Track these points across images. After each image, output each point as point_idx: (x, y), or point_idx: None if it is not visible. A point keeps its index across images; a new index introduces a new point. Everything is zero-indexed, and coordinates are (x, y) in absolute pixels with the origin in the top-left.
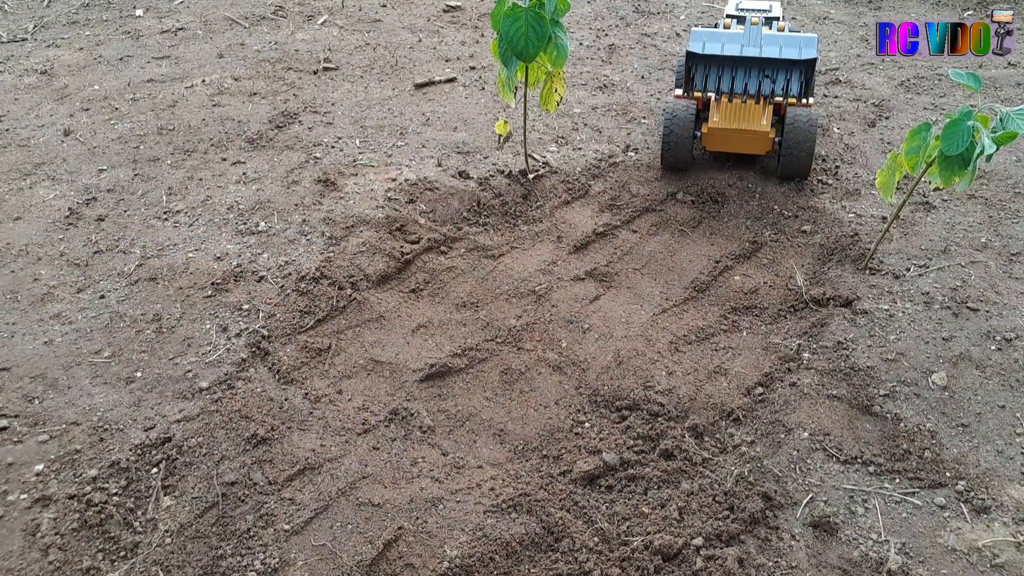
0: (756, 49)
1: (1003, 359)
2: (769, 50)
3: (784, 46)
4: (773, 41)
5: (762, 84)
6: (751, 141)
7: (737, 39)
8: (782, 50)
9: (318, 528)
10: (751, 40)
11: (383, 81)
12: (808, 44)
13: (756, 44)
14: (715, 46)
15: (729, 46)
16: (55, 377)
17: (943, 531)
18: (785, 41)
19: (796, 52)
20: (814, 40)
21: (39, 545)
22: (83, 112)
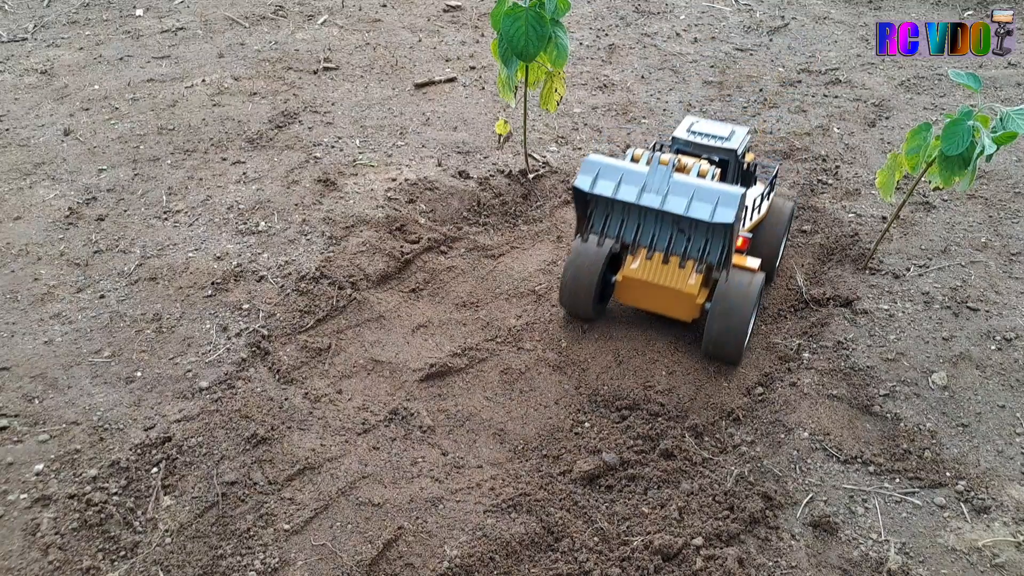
0: (657, 198)
1: (1003, 359)
2: (674, 202)
3: (695, 200)
4: (682, 190)
5: (674, 240)
6: (673, 302)
7: (638, 180)
8: (690, 206)
9: (318, 528)
10: (655, 184)
11: (383, 81)
12: (728, 202)
13: (659, 191)
14: (607, 185)
15: (625, 188)
16: (55, 377)
17: (943, 531)
18: (699, 193)
19: (707, 212)
20: (736, 198)
21: (39, 545)
22: (83, 112)
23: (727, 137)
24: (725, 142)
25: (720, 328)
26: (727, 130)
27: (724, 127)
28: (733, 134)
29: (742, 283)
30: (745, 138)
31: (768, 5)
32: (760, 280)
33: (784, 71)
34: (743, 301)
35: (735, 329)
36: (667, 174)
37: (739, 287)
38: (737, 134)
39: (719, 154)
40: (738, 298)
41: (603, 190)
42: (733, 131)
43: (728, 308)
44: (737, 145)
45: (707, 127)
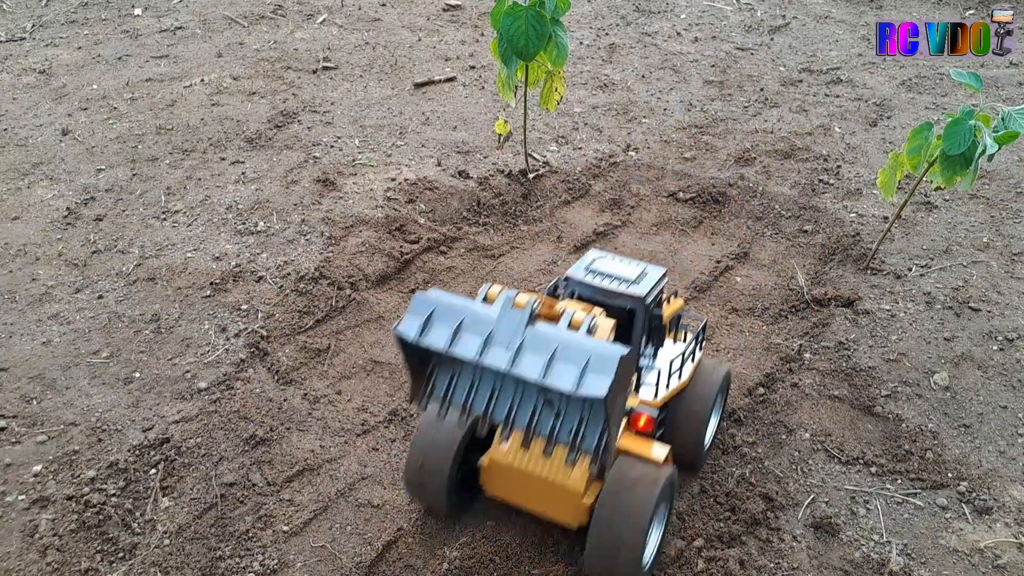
0: (506, 355)
1: (1005, 359)
2: (527, 363)
3: (557, 362)
4: (540, 346)
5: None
6: (552, 500)
7: (483, 328)
8: (548, 370)
9: (317, 529)
10: (506, 336)
11: (383, 80)
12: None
13: (510, 346)
14: (441, 333)
15: (466, 339)
16: (53, 377)
17: (945, 532)
18: (563, 352)
19: (570, 380)
20: (614, 361)
21: (37, 546)
22: (81, 112)
23: (634, 281)
24: (631, 287)
25: (605, 541)
26: (636, 271)
27: (633, 267)
28: (643, 277)
29: (639, 480)
30: (658, 283)
31: (769, 4)
32: (666, 476)
33: (785, 70)
34: (639, 506)
35: (626, 544)
36: (522, 323)
37: (635, 486)
38: (648, 277)
39: (623, 302)
40: (632, 501)
41: (435, 340)
42: (644, 272)
43: (617, 514)
44: (645, 292)
45: (611, 266)
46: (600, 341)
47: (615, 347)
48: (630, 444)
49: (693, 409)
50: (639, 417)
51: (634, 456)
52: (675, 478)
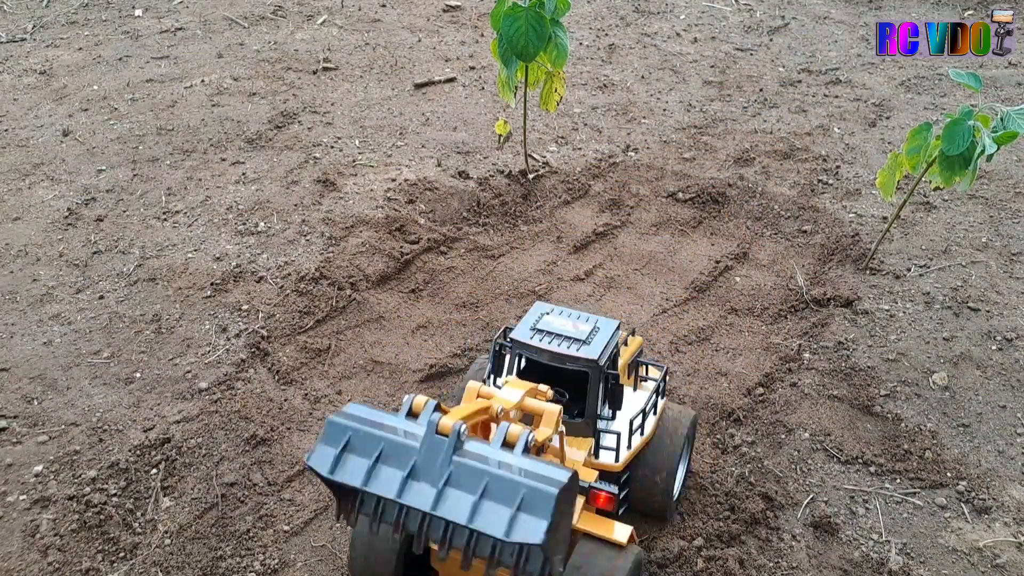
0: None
1: (1004, 359)
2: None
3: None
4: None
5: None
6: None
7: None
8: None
9: (318, 529)
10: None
11: (383, 81)
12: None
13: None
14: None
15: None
16: (54, 378)
17: (944, 531)
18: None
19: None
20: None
21: (38, 546)
22: (82, 112)
23: (585, 340)
24: (582, 348)
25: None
26: (586, 328)
27: (583, 324)
28: (595, 334)
29: (603, 567)
30: (611, 340)
31: (768, 5)
32: (630, 563)
33: (784, 71)
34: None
35: None
36: (447, 451)
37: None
38: (601, 333)
39: (572, 366)
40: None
41: (350, 477)
42: (596, 328)
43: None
44: (598, 354)
45: (559, 324)
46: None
47: (553, 477)
48: (590, 525)
49: (659, 463)
50: (598, 496)
51: (595, 538)
52: (641, 559)
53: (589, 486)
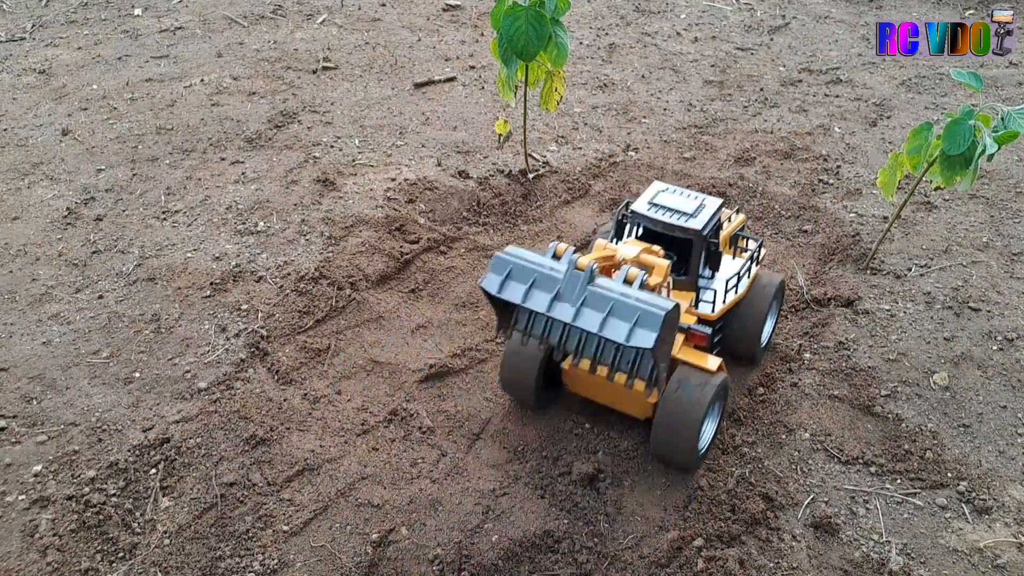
0: (570, 310)
1: (1005, 359)
2: (587, 318)
3: (612, 317)
4: (598, 303)
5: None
6: (624, 397)
7: (551, 285)
8: (604, 324)
9: (317, 529)
10: (570, 293)
11: (382, 80)
12: (649, 322)
13: (573, 301)
14: (516, 289)
15: (536, 294)
16: (53, 377)
17: (944, 532)
18: (618, 309)
19: (623, 332)
20: (659, 317)
21: (37, 546)
22: (81, 112)
23: (692, 214)
24: (688, 220)
25: (666, 433)
26: (694, 204)
27: (692, 200)
28: (700, 210)
29: (695, 385)
30: (714, 215)
31: (769, 4)
32: (717, 383)
33: (785, 70)
34: (693, 407)
35: (683, 436)
36: (583, 282)
37: (690, 390)
38: (706, 209)
39: (680, 234)
40: (688, 403)
41: (512, 295)
42: (702, 205)
43: (676, 412)
44: (701, 225)
45: (671, 200)
46: (650, 297)
47: (662, 303)
48: (688, 356)
49: (749, 317)
50: (695, 335)
51: (691, 366)
52: (727, 383)
53: (688, 327)
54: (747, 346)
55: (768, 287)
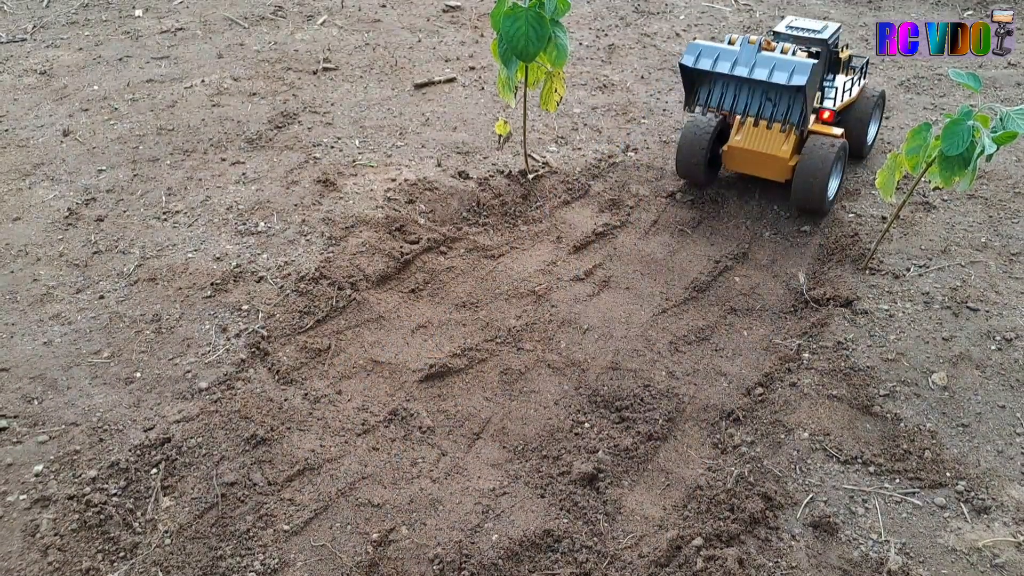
0: (746, 69)
1: (1003, 359)
2: (759, 72)
3: (775, 69)
4: (766, 62)
5: (763, 107)
6: (770, 166)
7: (731, 56)
8: (772, 73)
9: (318, 528)
10: (744, 59)
11: (383, 81)
12: (802, 69)
13: (748, 64)
14: (707, 62)
15: (721, 63)
16: (54, 377)
17: (943, 531)
18: (779, 64)
19: (784, 77)
20: (808, 66)
21: (38, 546)
22: (82, 112)
23: (819, 31)
24: (817, 34)
25: (803, 183)
26: (820, 25)
27: (818, 23)
28: (826, 28)
29: (824, 145)
30: (836, 31)
31: (768, 5)
32: (840, 144)
33: None
34: (823, 161)
35: (817, 183)
36: (754, 51)
37: (820, 149)
38: (830, 28)
39: (812, 44)
40: (819, 159)
41: (703, 65)
42: (826, 26)
43: (810, 166)
44: (828, 36)
45: (803, 23)
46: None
47: (810, 60)
48: (818, 128)
49: (858, 115)
50: (824, 112)
51: (820, 135)
52: (846, 146)
53: (819, 107)
54: (856, 141)
55: (871, 96)
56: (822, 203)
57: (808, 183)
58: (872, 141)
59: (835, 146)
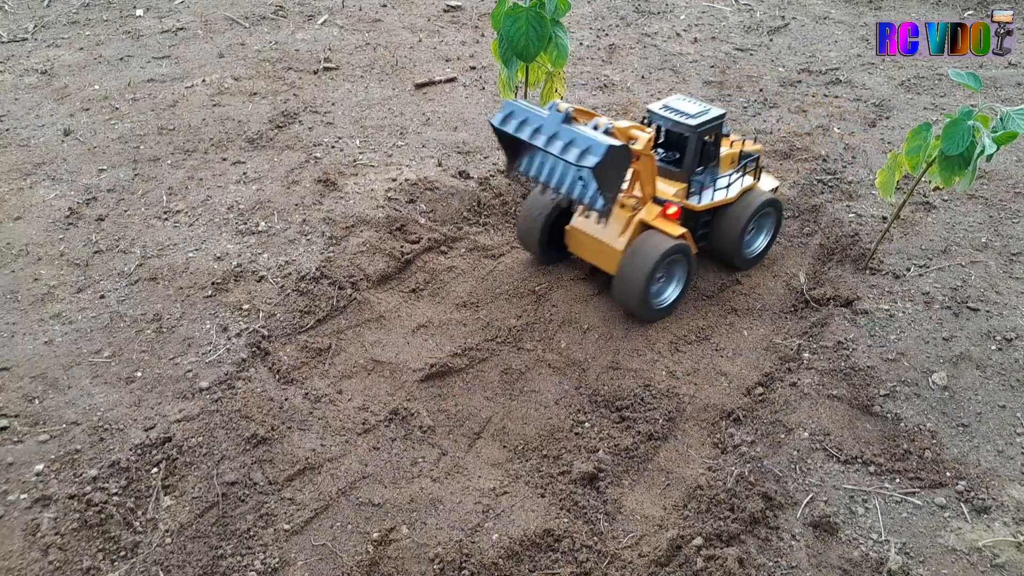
0: (543, 140)
1: (1003, 359)
2: (555, 145)
3: (571, 146)
4: (565, 136)
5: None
6: (603, 255)
7: (537, 123)
8: (566, 149)
9: (318, 528)
10: (548, 129)
11: (383, 81)
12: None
13: (548, 135)
14: (513, 124)
15: (525, 129)
16: (55, 377)
17: (943, 531)
18: (577, 140)
19: (574, 156)
20: (603, 148)
21: (39, 545)
22: (83, 112)
23: (693, 115)
24: (687, 119)
25: (620, 281)
26: (699, 109)
27: (700, 107)
28: (704, 113)
29: (652, 243)
30: (714, 120)
31: (768, 5)
32: (673, 246)
33: (784, 71)
34: (644, 261)
35: (633, 285)
36: (558, 121)
37: (645, 246)
38: (709, 113)
39: (679, 129)
40: (641, 257)
41: (508, 127)
42: (706, 110)
43: (630, 263)
44: (697, 123)
45: (683, 105)
46: (605, 137)
47: (609, 142)
48: (657, 222)
49: (733, 219)
50: (668, 206)
51: (657, 230)
52: (686, 249)
53: (665, 200)
54: (728, 247)
55: (758, 201)
56: (642, 309)
57: (624, 282)
58: (757, 253)
59: (663, 247)
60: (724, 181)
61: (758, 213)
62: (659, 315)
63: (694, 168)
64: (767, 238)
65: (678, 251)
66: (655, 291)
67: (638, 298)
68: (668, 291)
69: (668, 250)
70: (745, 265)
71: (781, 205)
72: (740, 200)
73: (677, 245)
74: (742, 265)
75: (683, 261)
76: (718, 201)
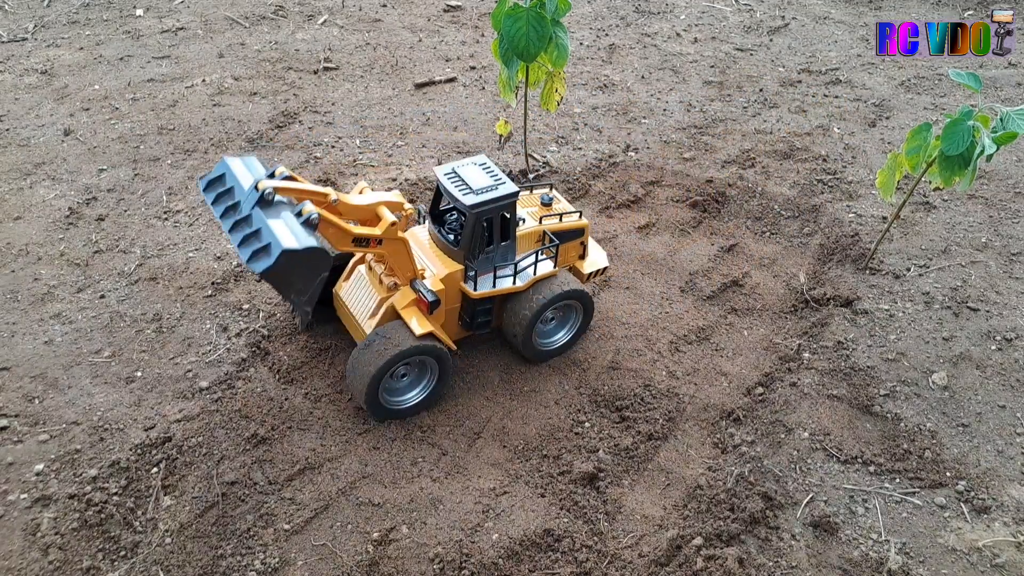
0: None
1: (1003, 359)
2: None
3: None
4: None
5: None
6: (358, 333)
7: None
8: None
9: (318, 527)
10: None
11: (383, 81)
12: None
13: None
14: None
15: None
16: (55, 377)
17: (943, 531)
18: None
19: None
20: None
21: (39, 545)
22: (83, 112)
23: (477, 191)
24: (466, 195)
25: (352, 368)
26: (488, 182)
27: (490, 179)
28: (489, 190)
29: (388, 336)
30: (498, 198)
31: (768, 5)
32: (411, 347)
33: (784, 71)
34: (374, 357)
35: (362, 374)
36: (252, 202)
37: (378, 340)
38: (494, 191)
39: (456, 205)
40: (371, 353)
41: (209, 195)
42: (495, 185)
43: (359, 358)
44: (475, 203)
45: (472, 174)
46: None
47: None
48: (406, 313)
49: (522, 309)
50: (420, 298)
51: (402, 322)
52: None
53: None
54: (518, 338)
55: (550, 292)
56: (365, 399)
57: (353, 377)
58: (554, 348)
59: (397, 348)
60: (511, 269)
61: (555, 304)
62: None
63: (472, 250)
64: (570, 333)
65: (419, 352)
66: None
67: (363, 392)
68: (412, 393)
69: (402, 352)
70: (538, 357)
71: (589, 297)
72: (533, 288)
73: (419, 347)
74: (533, 357)
75: (436, 365)
76: (500, 290)
